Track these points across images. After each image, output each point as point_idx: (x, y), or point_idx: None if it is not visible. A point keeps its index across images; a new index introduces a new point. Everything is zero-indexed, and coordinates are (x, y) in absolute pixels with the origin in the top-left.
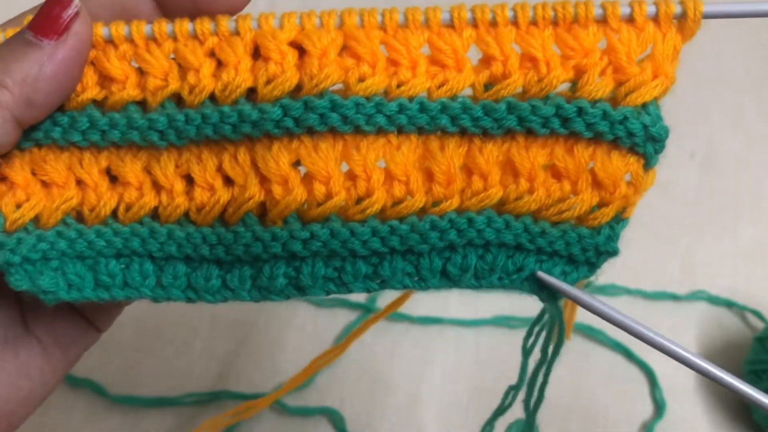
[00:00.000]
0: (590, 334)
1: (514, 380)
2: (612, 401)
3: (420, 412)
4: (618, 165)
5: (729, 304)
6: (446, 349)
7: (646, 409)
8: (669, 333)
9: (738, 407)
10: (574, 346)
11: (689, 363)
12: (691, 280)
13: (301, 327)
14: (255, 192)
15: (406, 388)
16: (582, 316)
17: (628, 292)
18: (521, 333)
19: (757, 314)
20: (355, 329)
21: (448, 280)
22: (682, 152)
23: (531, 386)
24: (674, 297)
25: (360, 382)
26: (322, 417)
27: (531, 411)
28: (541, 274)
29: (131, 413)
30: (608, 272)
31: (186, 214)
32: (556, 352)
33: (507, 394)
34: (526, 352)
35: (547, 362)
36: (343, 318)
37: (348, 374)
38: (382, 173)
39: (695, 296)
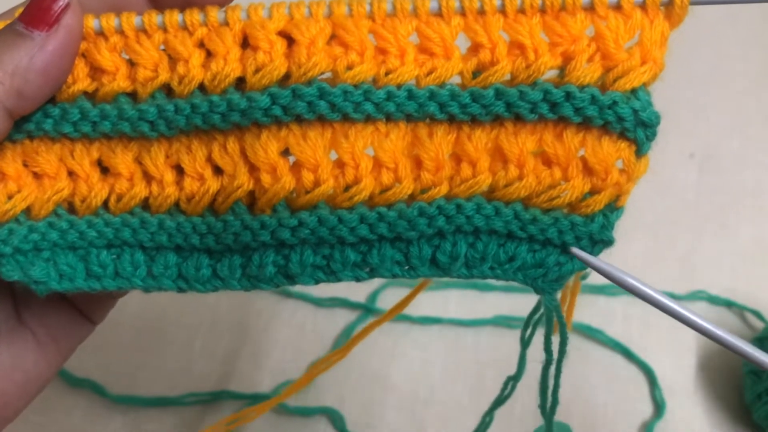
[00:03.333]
0: (590, 333)
1: None
2: (612, 401)
3: (420, 412)
4: (609, 151)
5: (729, 304)
6: (446, 349)
7: (646, 409)
8: (669, 333)
9: (738, 407)
10: (574, 346)
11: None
12: (691, 280)
13: (301, 327)
14: (244, 181)
15: (406, 388)
16: (582, 315)
17: None
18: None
19: (757, 314)
20: (358, 332)
21: (438, 268)
22: (682, 152)
23: (544, 391)
24: (674, 297)
25: (360, 382)
26: (322, 417)
27: (548, 414)
28: (575, 250)
29: (131, 413)
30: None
31: (176, 204)
32: (562, 350)
33: (506, 384)
34: (525, 344)
35: (555, 363)
36: (343, 318)
37: (348, 374)
38: (370, 161)
39: (695, 296)
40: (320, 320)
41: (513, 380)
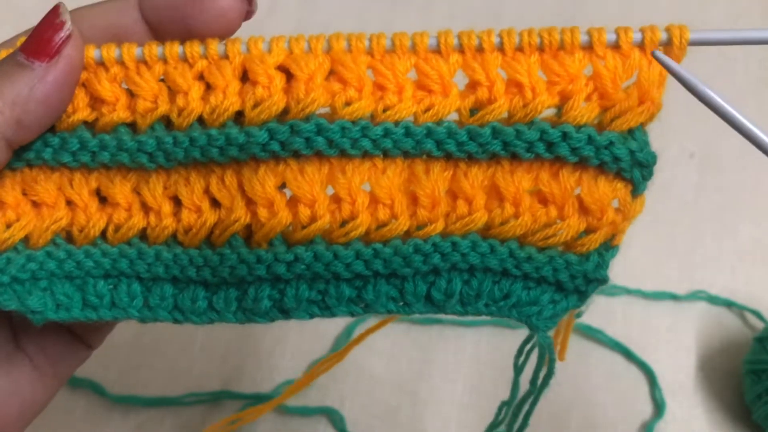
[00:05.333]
0: (590, 334)
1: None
2: (612, 401)
3: (420, 412)
4: (605, 191)
5: (729, 304)
6: (446, 349)
7: (646, 409)
8: (669, 333)
9: (738, 407)
10: (574, 346)
11: None
12: (691, 280)
13: (301, 327)
14: (241, 214)
15: (406, 388)
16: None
17: (628, 292)
18: (521, 333)
19: (757, 314)
20: (360, 334)
21: (433, 305)
22: (682, 152)
23: (516, 414)
24: (674, 297)
25: (360, 382)
26: (322, 417)
27: None
28: (657, 53)
29: (131, 413)
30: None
31: (174, 236)
32: (545, 383)
33: (500, 409)
34: (518, 370)
35: (535, 393)
36: (343, 318)
37: (348, 374)
38: (366, 196)
39: (695, 296)
40: (320, 320)
41: (507, 405)
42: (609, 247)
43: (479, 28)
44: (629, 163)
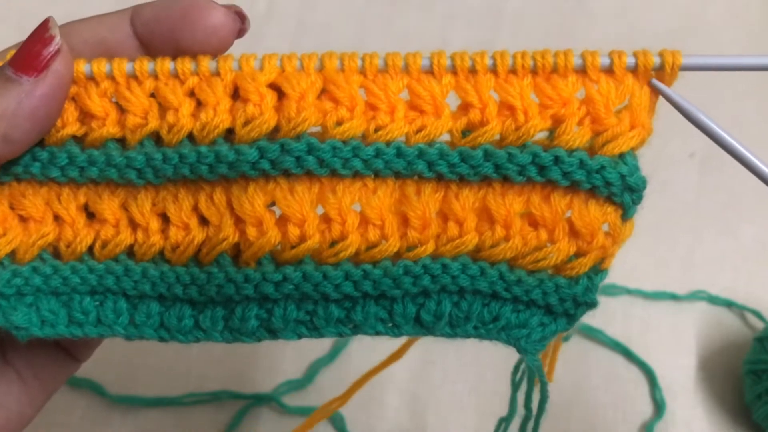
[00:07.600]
0: (590, 333)
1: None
2: (612, 401)
3: (420, 412)
4: (595, 214)
5: (729, 304)
6: (446, 349)
7: (646, 409)
8: (669, 333)
9: (738, 407)
10: (574, 346)
11: None
12: (691, 280)
13: None
14: (229, 233)
15: (406, 388)
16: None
17: (628, 292)
18: None
19: (757, 314)
20: (358, 379)
21: (422, 327)
22: (682, 152)
23: None
24: (674, 297)
25: None
26: None
27: None
28: (655, 82)
29: (131, 413)
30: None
31: (161, 253)
32: (542, 407)
33: (499, 425)
34: (515, 386)
35: (533, 418)
36: None
37: (348, 374)
38: (357, 217)
39: (695, 296)
40: None
41: (505, 421)
42: (598, 271)
43: (478, 27)
44: (620, 187)
